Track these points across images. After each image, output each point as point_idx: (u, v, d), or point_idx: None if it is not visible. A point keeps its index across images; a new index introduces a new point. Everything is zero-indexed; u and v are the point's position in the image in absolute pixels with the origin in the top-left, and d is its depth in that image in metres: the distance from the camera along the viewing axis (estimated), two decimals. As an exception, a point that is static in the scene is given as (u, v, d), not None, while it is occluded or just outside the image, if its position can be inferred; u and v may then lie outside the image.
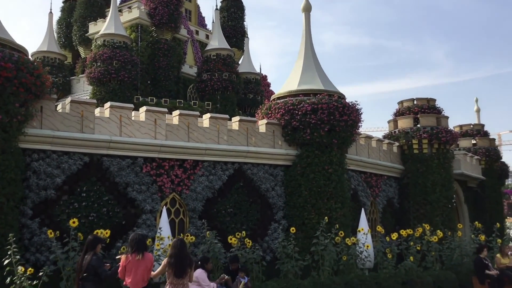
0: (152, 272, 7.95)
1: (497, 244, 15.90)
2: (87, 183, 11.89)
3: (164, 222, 11.58)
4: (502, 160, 25.50)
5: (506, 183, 78.52)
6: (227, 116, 14.77)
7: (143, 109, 13.29)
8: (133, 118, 13.00)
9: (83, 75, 25.08)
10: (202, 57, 27.95)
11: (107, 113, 12.65)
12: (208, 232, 12.35)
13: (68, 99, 12.34)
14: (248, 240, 12.23)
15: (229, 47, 27.06)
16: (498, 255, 15.05)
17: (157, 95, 23.99)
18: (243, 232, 12.60)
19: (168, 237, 11.28)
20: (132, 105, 13.24)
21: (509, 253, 15.22)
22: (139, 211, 12.48)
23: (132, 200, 12.43)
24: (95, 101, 12.87)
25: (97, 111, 12.88)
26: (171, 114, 14.15)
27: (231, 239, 12.18)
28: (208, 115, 14.35)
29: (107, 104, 12.83)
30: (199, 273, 9.94)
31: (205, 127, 13.99)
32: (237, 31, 32.31)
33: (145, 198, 12.57)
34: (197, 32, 31.10)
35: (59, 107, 12.67)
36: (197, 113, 14.21)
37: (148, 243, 9.93)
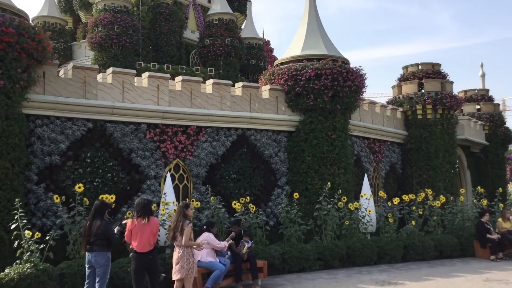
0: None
1: (499, 209, 16.04)
2: (91, 148, 11.93)
3: (168, 187, 11.67)
4: (506, 125, 25.42)
5: (509, 149, 78.43)
6: (230, 82, 14.68)
7: (145, 75, 13.21)
8: (135, 84, 12.94)
9: (84, 40, 24.80)
10: (204, 22, 27.57)
11: (109, 78, 12.58)
12: (212, 197, 12.47)
13: (70, 65, 12.26)
14: (251, 205, 12.37)
15: (231, 11, 26.65)
16: (499, 219, 15.22)
17: (159, 61, 23.78)
18: (247, 197, 12.72)
19: (173, 202, 11.40)
20: (134, 71, 13.15)
21: (511, 217, 15.37)
22: (143, 177, 12.57)
23: (136, 166, 12.50)
24: (97, 66, 12.76)
25: (99, 76, 12.80)
26: (173, 80, 14.06)
27: (235, 204, 12.31)
28: (211, 81, 14.26)
29: (109, 70, 12.74)
30: (207, 236, 10.13)
31: (208, 93, 13.93)
32: (240, -6, 31.70)
33: (149, 164, 12.64)
34: (199, -4, 30.55)
35: (61, 73, 12.58)
36: (200, 79, 14.13)
37: (153, 208, 10.07)
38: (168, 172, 12.67)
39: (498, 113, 25.08)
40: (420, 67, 20.50)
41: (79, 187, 10.30)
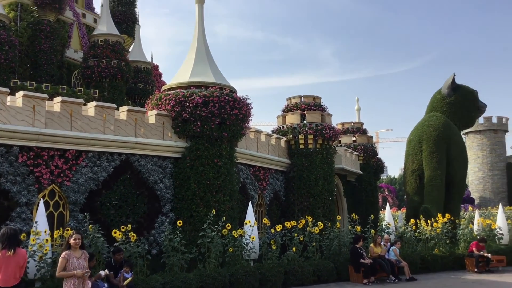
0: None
1: (371, 235, 17.13)
2: (-49, 173, 10.72)
3: (41, 215, 10.85)
4: (378, 156, 27.53)
5: (381, 178, 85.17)
6: (114, 105, 14.19)
7: (20, 94, 12.28)
8: (8, 104, 11.97)
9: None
10: (89, 42, 26.55)
11: (-23, 96, 11.51)
12: (90, 226, 11.81)
13: None
14: (132, 234, 11.90)
15: (118, 33, 26.01)
16: (371, 245, 16.23)
17: (37, 80, 22.36)
18: (129, 225, 12.23)
19: (45, 232, 10.59)
20: (7, 89, 12.18)
21: (382, 243, 16.50)
22: (13, 204, 11.55)
23: (5, 192, 11.46)
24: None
25: (-35, 93, 11.66)
26: (52, 100, 13.26)
27: (115, 232, 11.76)
28: (93, 103, 13.66)
29: (-22, 87, 11.67)
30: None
31: (90, 116, 13.31)
32: (128, 17, 31.12)
33: (20, 189, 11.67)
34: (84, 15, 29.46)
35: None
36: (81, 100, 13.47)
37: (23, 237, 9.25)
38: (42, 198, 11.78)
39: (371, 145, 27.12)
40: (302, 99, 21.56)
41: None
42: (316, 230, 15.60)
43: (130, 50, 29.81)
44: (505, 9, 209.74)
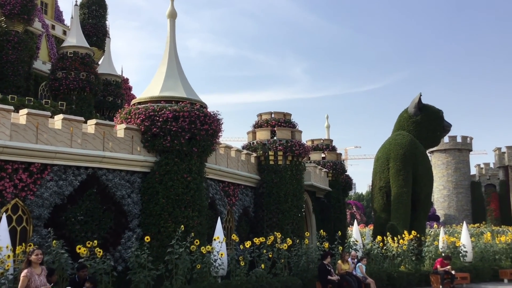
0: None
1: (339, 251, 17.24)
2: None
3: (3, 230, 10.52)
4: (347, 173, 27.87)
5: (350, 194, 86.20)
6: (82, 118, 13.97)
7: (-16, 105, 11.97)
8: (-29, 114, 11.65)
9: None
10: (57, 54, 26.13)
11: None
12: (54, 241, 11.51)
13: None
14: (98, 250, 11.64)
15: (88, 46, 25.68)
16: (339, 261, 16.32)
17: (3, 91, 21.80)
18: (94, 241, 11.97)
19: (7, 247, 10.26)
20: (-29, 100, 11.86)
21: (349, 259, 16.61)
22: (-27, 218, 11.15)
23: (-35, 206, 11.08)
24: None
25: None
26: (18, 112, 12.97)
27: (80, 248, 11.48)
28: (60, 116, 13.42)
29: None
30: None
31: (57, 129, 13.06)
32: (98, 29, 30.81)
33: (-18, 203, 11.29)
34: (53, 27, 29.03)
35: None
36: (48, 113, 13.21)
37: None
38: (4, 213, 11.43)
39: (340, 162, 27.45)
40: (273, 115, 21.70)
41: None
42: (285, 246, 15.61)
43: (99, 62, 29.47)
44: (474, 26, 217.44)
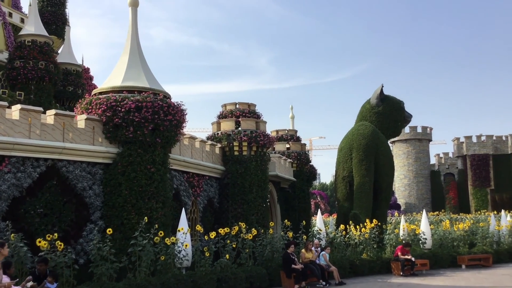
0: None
1: (303, 240, 17.45)
2: None
3: (-43, 224, 10.14)
4: (311, 163, 28.14)
5: (314, 184, 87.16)
6: (41, 108, 13.59)
7: None
8: None
9: None
10: (15, 42, 25.29)
11: None
12: (12, 234, 11.20)
13: None
14: (59, 243, 11.41)
15: (47, 34, 24.94)
16: (303, 250, 16.54)
17: (-44, 80, 21.00)
18: (55, 234, 11.71)
19: (-38, 242, 9.89)
20: None
21: (313, 248, 16.85)
22: None
23: None
24: None
25: None
26: (-28, 102, 12.51)
27: (40, 242, 11.22)
28: (18, 106, 13.01)
29: None
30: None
31: (14, 120, 12.67)
32: (58, 18, 30.00)
33: None
34: (10, 15, 28.07)
35: None
36: (5, 103, 12.79)
37: None
38: (-41, 206, 11.04)
39: (304, 152, 27.68)
40: (237, 106, 21.66)
41: None
42: (250, 236, 15.68)
43: (59, 51, 28.69)
44: (435, 19, 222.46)
